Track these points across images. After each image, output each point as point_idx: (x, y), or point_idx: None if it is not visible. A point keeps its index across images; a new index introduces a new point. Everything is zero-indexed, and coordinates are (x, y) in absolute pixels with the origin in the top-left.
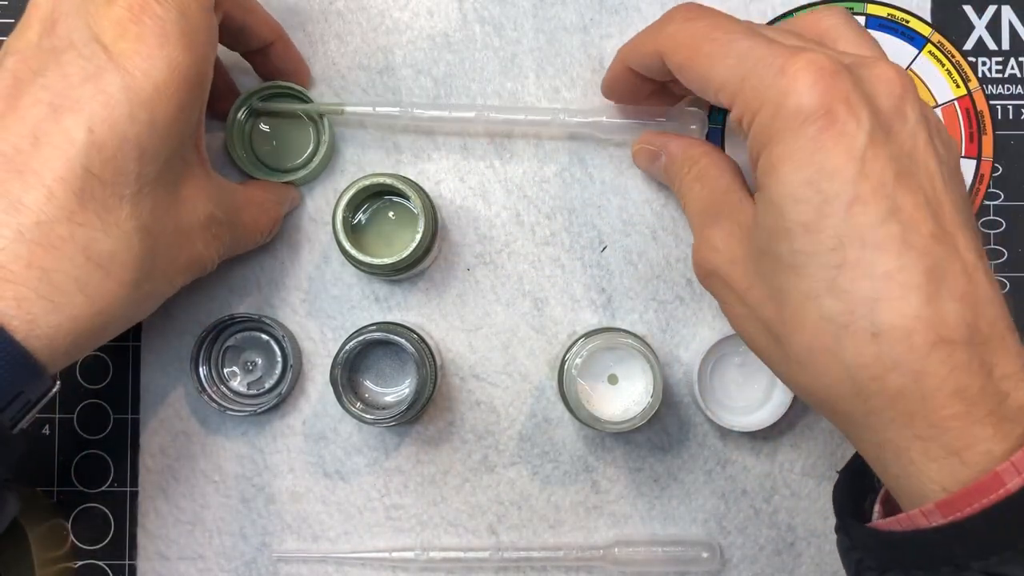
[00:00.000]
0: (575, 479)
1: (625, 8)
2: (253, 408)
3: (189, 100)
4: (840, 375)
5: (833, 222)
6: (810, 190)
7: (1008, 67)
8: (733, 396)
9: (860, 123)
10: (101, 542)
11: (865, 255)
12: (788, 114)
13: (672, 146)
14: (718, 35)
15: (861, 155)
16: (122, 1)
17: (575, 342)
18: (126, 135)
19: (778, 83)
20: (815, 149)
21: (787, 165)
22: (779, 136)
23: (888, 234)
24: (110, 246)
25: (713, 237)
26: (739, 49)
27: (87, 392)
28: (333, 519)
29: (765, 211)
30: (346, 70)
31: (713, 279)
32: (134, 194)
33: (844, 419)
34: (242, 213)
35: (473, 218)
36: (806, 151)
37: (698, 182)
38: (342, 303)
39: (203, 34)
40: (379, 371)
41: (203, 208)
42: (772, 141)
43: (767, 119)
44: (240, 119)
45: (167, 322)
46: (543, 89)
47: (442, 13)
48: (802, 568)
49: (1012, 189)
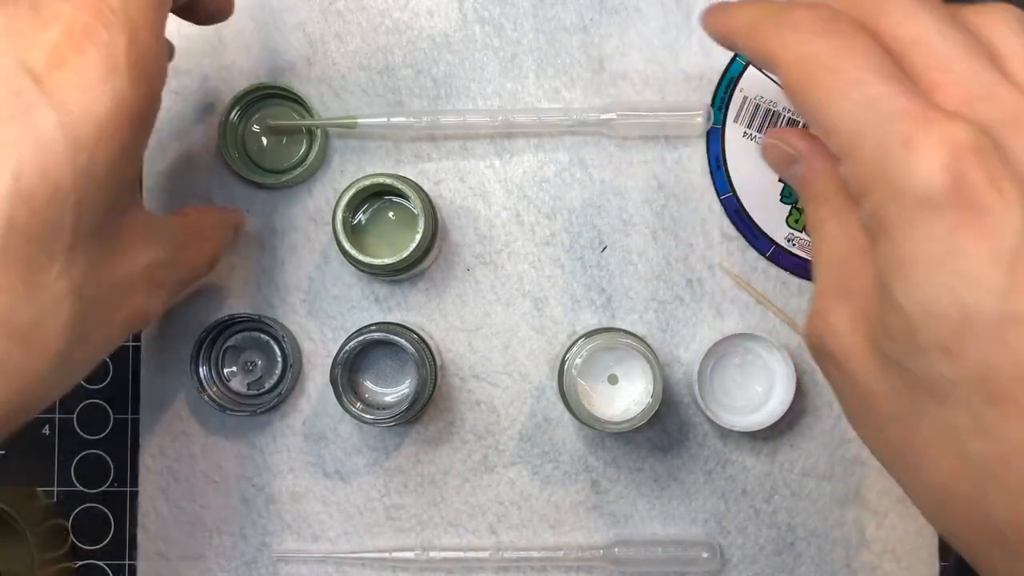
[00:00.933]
0: (575, 479)
1: (625, 8)
2: (253, 408)
3: (134, 139)
4: (981, 525)
5: (980, 345)
6: (948, 302)
7: None
8: (733, 396)
9: (1009, 217)
10: (101, 542)
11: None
12: (914, 200)
13: (816, 161)
14: (843, 66)
15: (1011, 258)
16: (59, 24)
17: (575, 342)
18: (60, 182)
19: (902, 157)
20: (950, 250)
21: (916, 268)
22: (905, 226)
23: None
24: (33, 315)
25: (837, 317)
26: (863, 95)
27: (87, 392)
28: (333, 519)
29: (893, 315)
30: (346, 70)
31: (827, 363)
32: (66, 250)
33: (973, 556)
34: (184, 249)
35: (473, 218)
36: (939, 252)
37: (838, 224)
38: (342, 303)
39: (154, 62)
40: (379, 371)
41: (143, 254)
42: (896, 230)
43: (887, 199)
44: (233, 120)
45: (167, 322)
46: (543, 89)
47: (442, 13)
48: (802, 568)
49: None
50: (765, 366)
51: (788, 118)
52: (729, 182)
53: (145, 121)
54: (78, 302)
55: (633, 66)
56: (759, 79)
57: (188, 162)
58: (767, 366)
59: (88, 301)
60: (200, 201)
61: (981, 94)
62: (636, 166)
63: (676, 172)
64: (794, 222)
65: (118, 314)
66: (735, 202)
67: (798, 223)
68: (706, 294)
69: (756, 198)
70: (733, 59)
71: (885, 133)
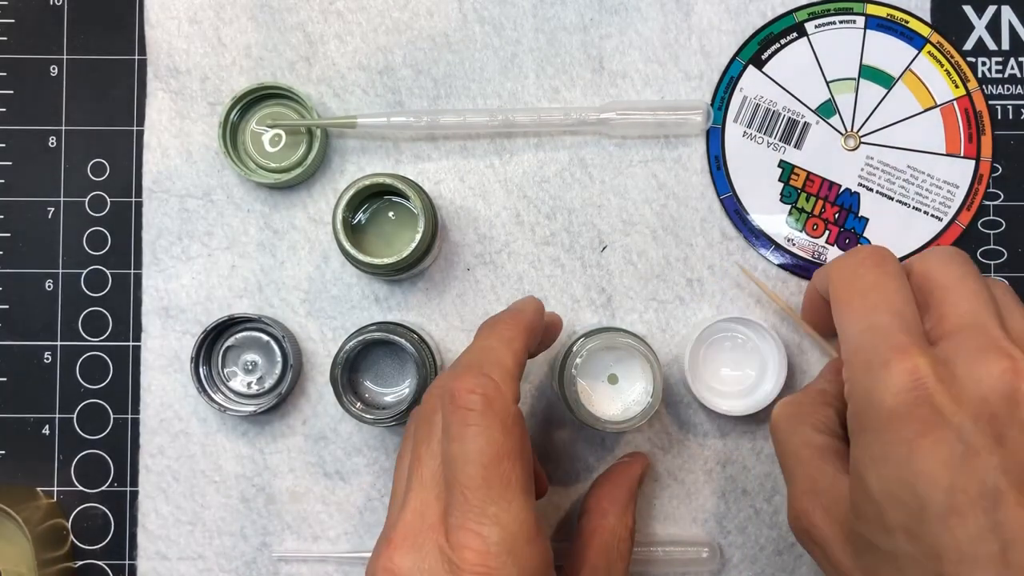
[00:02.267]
0: (575, 479)
1: (625, 8)
2: (253, 408)
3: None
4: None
5: (931, 530)
6: (909, 495)
7: (1008, 67)
8: (725, 381)
9: (959, 432)
10: (101, 542)
11: (962, 570)
12: (886, 411)
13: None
14: (871, 296)
15: (959, 464)
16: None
17: (575, 342)
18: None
19: (879, 376)
20: (910, 453)
21: (886, 464)
22: (878, 430)
23: (987, 553)
24: None
25: (813, 513)
26: (872, 322)
27: (87, 392)
28: (333, 519)
29: (866, 501)
30: (346, 70)
31: (809, 546)
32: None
33: None
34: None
35: (473, 218)
36: (902, 454)
37: (803, 436)
38: (342, 303)
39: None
40: (379, 371)
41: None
42: (871, 432)
43: (866, 406)
44: (233, 120)
45: (167, 322)
46: (543, 89)
47: (442, 13)
48: (802, 568)
49: (1012, 189)
50: (756, 350)
51: (788, 118)
52: (729, 182)
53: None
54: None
55: (633, 66)
56: (759, 79)
57: (188, 162)
58: (759, 350)
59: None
60: (199, 200)
61: (970, 326)
62: (636, 166)
63: (676, 172)
64: (794, 222)
65: None
66: (735, 202)
67: (798, 223)
68: (706, 294)
69: (756, 198)
70: (733, 59)
71: (874, 355)
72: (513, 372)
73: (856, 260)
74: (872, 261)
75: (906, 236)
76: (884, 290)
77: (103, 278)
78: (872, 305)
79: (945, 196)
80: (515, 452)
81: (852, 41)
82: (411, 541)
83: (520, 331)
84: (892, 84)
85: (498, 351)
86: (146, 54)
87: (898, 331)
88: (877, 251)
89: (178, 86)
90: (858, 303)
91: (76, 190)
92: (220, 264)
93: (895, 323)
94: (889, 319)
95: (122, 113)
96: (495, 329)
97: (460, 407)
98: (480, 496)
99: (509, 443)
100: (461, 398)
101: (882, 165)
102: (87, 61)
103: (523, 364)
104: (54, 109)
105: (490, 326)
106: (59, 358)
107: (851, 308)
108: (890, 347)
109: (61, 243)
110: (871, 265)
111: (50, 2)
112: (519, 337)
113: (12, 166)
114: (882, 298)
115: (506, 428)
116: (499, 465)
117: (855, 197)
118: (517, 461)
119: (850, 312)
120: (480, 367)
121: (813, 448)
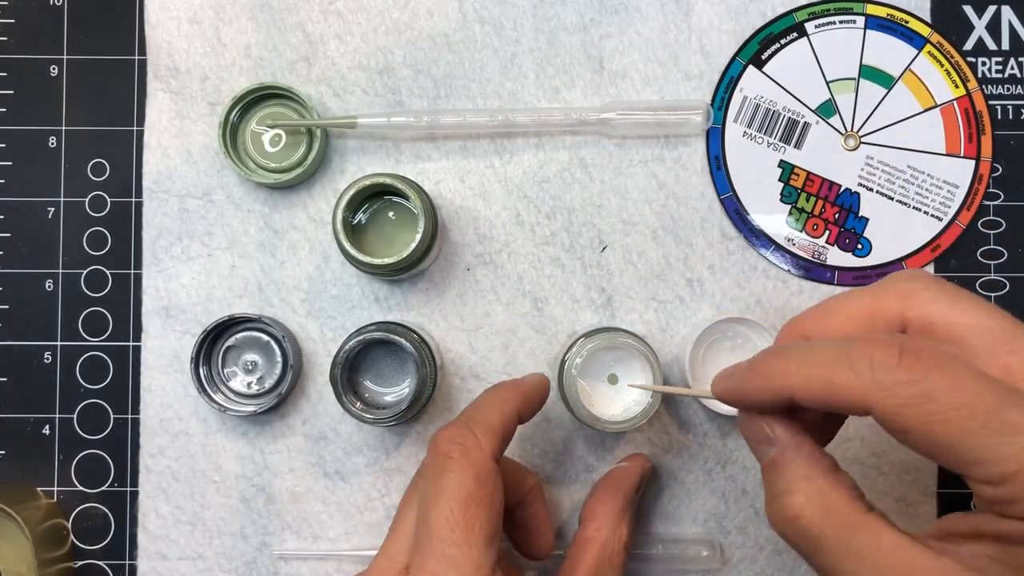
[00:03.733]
0: (575, 479)
1: (625, 8)
2: (253, 408)
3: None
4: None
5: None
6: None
7: (1008, 67)
8: None
9: None
10: (101, 542)
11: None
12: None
13: (790, 451)
14: (965, 401)
15: None
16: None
17: (575, 342)
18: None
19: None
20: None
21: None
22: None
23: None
24: None
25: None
26: (1007, 423)
27: (87, 392)
28: (333, 519)
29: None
30: (346, 70)
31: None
32: None
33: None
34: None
35: (473, 218)
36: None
37: (808, 488)
38: (342, 303)
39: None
40: (379, 371)
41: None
42: None
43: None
44: (233, 120)
45: (167, 322)
46: (543, 89)
47: (442, 13)
48: (802, 568)
49: (1011, 189)
50: (756, 350)
51: (788, 118)
52: (729, 182)
53: None
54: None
55: (633, 66)
56: (759, 79)
57: (188, 162)
58: (759, 350)
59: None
60: (199, 200)
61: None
62: (636, 166)
63: (676, 172)
64: (794, 222)
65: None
66: (735, 202)
67: (798, 223)
68: (706, 294)
69: (756, 198)
70: (733, 59)
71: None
72: (497, 431)
73: (891, 369)
74: (917, 363)
75: (906, 236)
76: (965, 382)
77: (103, 278)
78: (979, 409)
79: (945, 196)
80: (484, 501)
81: (852, 41)
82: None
83: (515, 396)
84: (892, 84)
85: (486, 410)
86: (146, 54)
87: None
88: (894, 345)
89: (178, 86)
90: (958, 418)
91: (76, 190)
92: (220, 264)
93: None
94: (1016, 413)
95: (122, 113)
96: (492, 391)
97: (440, 453)
98: (443, 536)
99: (479, 492)
100: (443, 446)
101: (882, 165)
102: (87, 61)
103: (510, 426)
104: (54, 109)
105: (490, 389)
106: (59, 358)
107: (956, 429)
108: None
109: (61, 243)
110: (925, 368)
111: (50, 2)
112: (512, 400)
113: (12, 166)
114: (976, 391)
115: (479, 479)
116: (466, 510)
117: (855, 197)
118: (484, 511)
119: (958, 435)
120: (467, 422)
121: (823, 503)
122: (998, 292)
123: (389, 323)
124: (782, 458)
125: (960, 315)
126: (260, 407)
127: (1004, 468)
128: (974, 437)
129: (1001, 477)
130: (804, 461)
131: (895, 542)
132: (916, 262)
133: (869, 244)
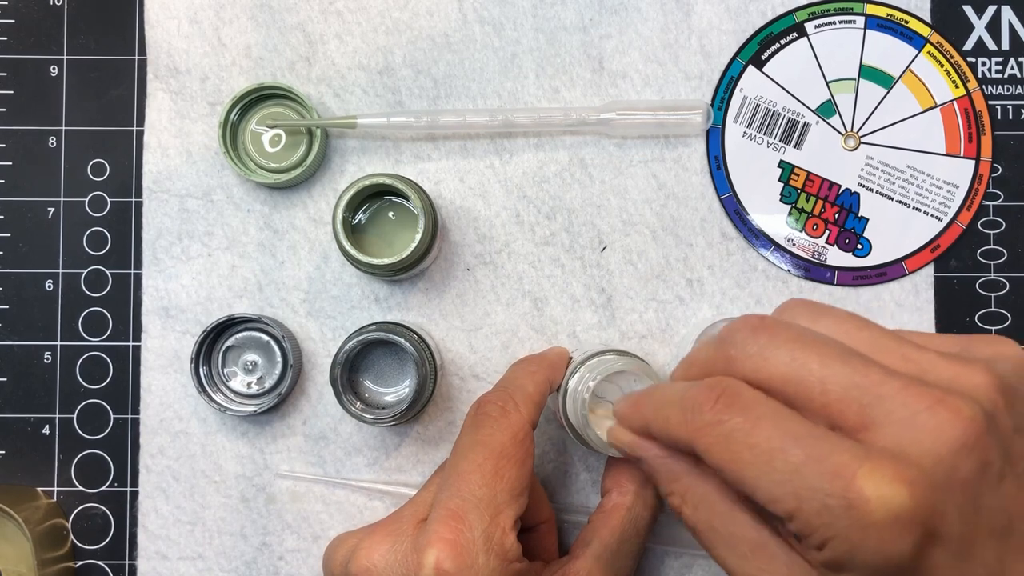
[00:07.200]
0: (575, 479)
1: (625, 8)
2: (253, 408)
3: None
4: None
5: None
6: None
7: (1008, 67)
8: None
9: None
10: (101, 542)
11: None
12: (871, 558)
13: (659, 462)
14: (758, 440)
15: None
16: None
17: (575, 370)
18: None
19: (850, 516)
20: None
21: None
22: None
23: None
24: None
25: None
26: (788, 462)
27: (87, 392)
28: (333, 519)
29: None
30: (346, 70)
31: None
32: None
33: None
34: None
35: (473, 218)
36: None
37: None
38: (342, 303)
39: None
40: (379, 371)
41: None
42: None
43: (845, 553)
44: (233, 120)
45: (167, 322)
46: (543, 89)
47: (442, 13)
48: None
49: (1011, 189)
50: None
51: (788, 118)
52: (729, 182)
53: None
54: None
55: (633, 66)
56: (759, 79)
57: (188, 162)
58: None
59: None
60: (199, 200)
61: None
62: (636, 166)
63: (676, 172)
64: (794, 222)
65: None
66: (735, 202)
67: (798, 223)
68: (706, 294)
69: (756, 198)
70: (733, 59)
71: (823, 496)
72: (533, 397)
73: (705, 412)
74: (723, 408)
75: (906, 236)
76: (771, 422)
77: (103, 278)
78: (772, 448)
79: (945, 196)
80: (515, 459)
81: (852, 41)
82: (392, 528)
83: (543, 367)
84: (892, 84)
85: (523, 379)
86: (146, 54)
87: (833, 453)
88: (719, 389)
89: (178, 86)
90: (748, 453)
91: (76, 190)
92: (220, 264)
93: (811, 451)
94: (800, 449)
95: (122, 113)
96: (522, 364)
97: (480, 413)
98: (471, 479)
99: (513, 450)
100: (484, 407)
101: (882, 165)
102: (87, 61)
103: (544, 394)
104: (54, 109)
105: (519, 362)
106: (59, 358)
107: (748, 462)
108: (834, 478)
109: (61, 243)
110: (728, 412)
111: (50, 2)
112: (541, 371)
113: (12, 166)
114: (777, 431)
115: (516, 439)
116: (497, 461)
117: (855, 197)
118: (515, 468)
119: (750, 467)
120: (505, 389)
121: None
122: (998, 292)
123: (389, 323)
124: (651, 468)
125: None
126: (260, 407)
127: (787, 506)
128: (764, 476)
129: (788, 514)
130: (670, 467)
131: (757, 531)
132: (916, 262)
133: (869, 244)
